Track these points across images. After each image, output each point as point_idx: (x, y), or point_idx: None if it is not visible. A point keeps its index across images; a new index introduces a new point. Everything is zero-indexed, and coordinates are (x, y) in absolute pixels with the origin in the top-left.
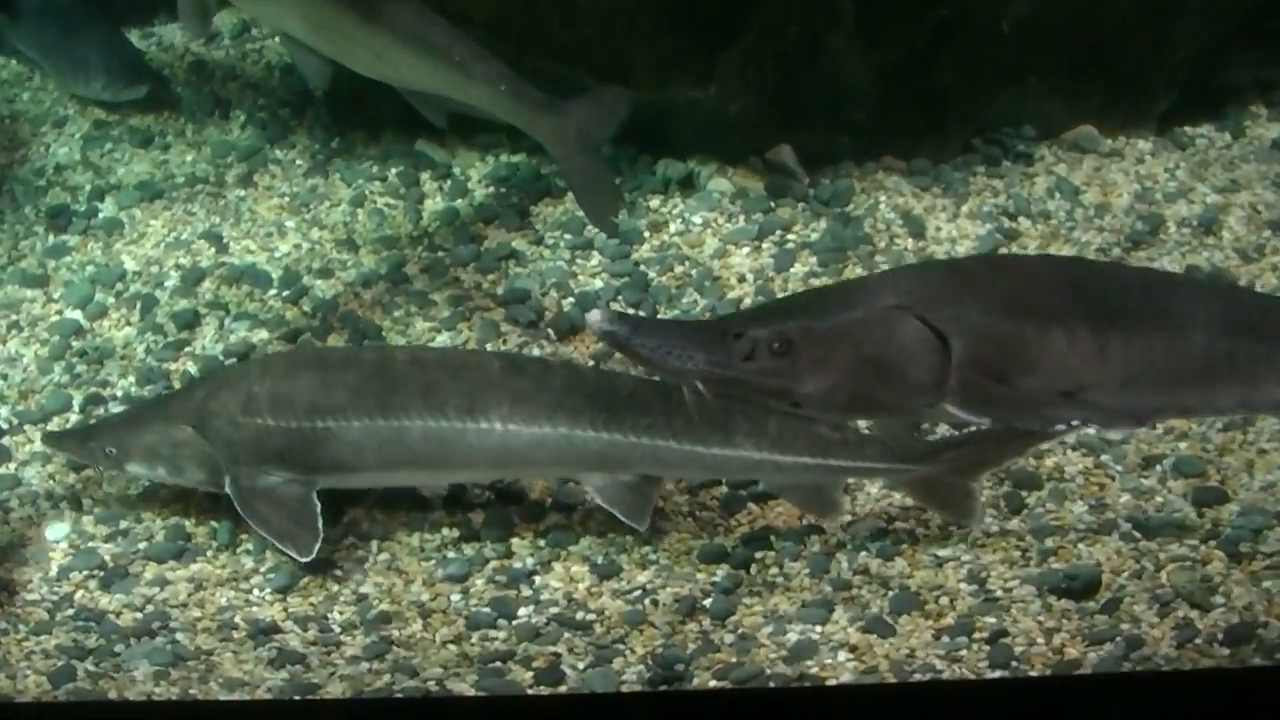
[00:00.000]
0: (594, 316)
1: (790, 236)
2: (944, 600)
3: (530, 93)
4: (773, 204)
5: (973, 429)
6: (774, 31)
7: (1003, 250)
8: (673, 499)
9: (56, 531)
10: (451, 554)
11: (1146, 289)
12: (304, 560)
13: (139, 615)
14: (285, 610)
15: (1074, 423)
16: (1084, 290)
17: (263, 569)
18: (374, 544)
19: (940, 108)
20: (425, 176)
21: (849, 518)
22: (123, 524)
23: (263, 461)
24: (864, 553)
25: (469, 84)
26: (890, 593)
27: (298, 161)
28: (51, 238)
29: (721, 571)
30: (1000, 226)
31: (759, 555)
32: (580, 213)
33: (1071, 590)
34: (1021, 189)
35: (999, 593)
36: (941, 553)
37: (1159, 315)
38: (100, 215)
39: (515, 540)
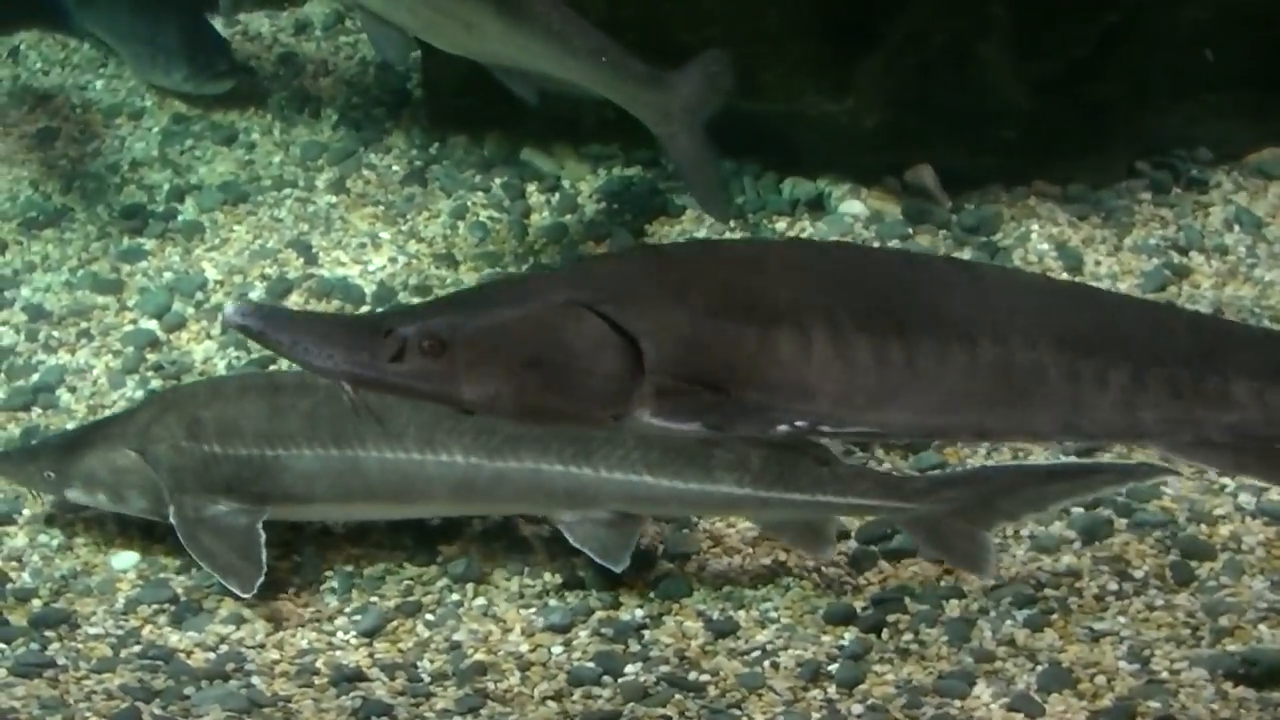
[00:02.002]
0: (229, 309)
1: None
2: (1100, 679)
3: (633, 65)
4: (911, 230)
5: (981, 466)
6: (917, 38)
7: (1171, 289)
8: (796, 551)
9: (124, 560)
10: (554, 601)
11: (920, 285)
12: (244, 596)
13: (212, 655)
14: (371, 656)
15: (799, 424)
16: (831, 284)
17: (348, 609)
18: (469, 587)
19: (1102, 126)
20: (532, 188)
21: (992, 581)
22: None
23: (209, 490)
24: (1009, 621)
25: (567, 57)
26: (1039, 667)
27: (394, 167)
28: (126, 240)
29: (849, 634)
30: (1169, 262)
31: (891, 618)
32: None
33: (1250, 676)
34: (1194, 220)
35: (1164, 674)
36: (1098, 625)
37: (931, 317)
38: (179, 218)
39: (623, 589)
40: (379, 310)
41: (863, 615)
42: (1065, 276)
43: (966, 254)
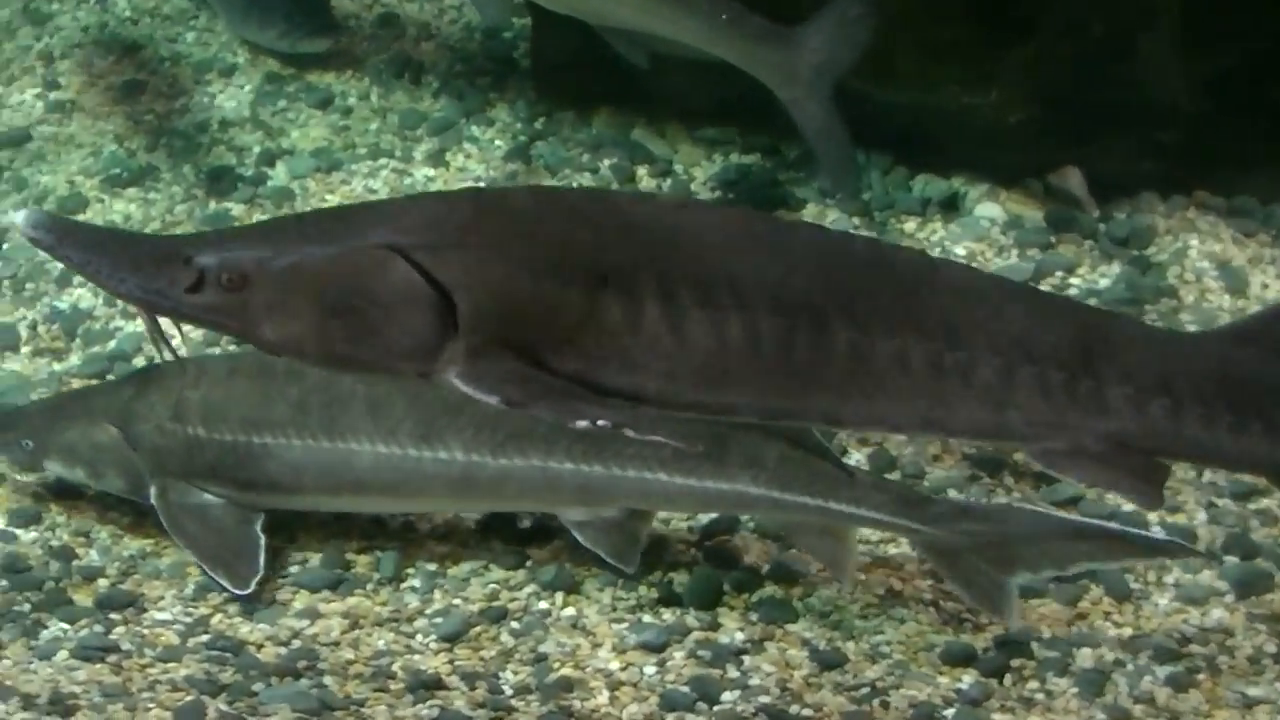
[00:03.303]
0: (19, 217)
1: (1074, 280)
2: None
3: (752, 21)
4: (1053, 238)
5: (1007, 505)
6: (1074, 28)
7: None
8: (913, 581)
9: None
10: (648, 618)
11: (773, 257)
12: (240, 594)
13: (283, 650)
14: (451, 663)
15: (601, 423)
16: (671, 248)
17: (428, 611)
18: (558, 596)
19: (1277, 132)
20: (642, 172)
21: (1130, 631)
22: (274, 541)
23: (192, 475)
24: (1148, 677)
25: (681, 15)
26: None
27: (496, 142)
28: (213, 204)
29: (968, 677)
30: None
31: (1015, 663)
32: None
33: None
34: None
35: None
36: (1251, 691)
37: (779, 293)
38: (269, 183)
39: (723, 610)
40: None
41: (984, 657)
42: (1226, 299)
43: (1115, 269)
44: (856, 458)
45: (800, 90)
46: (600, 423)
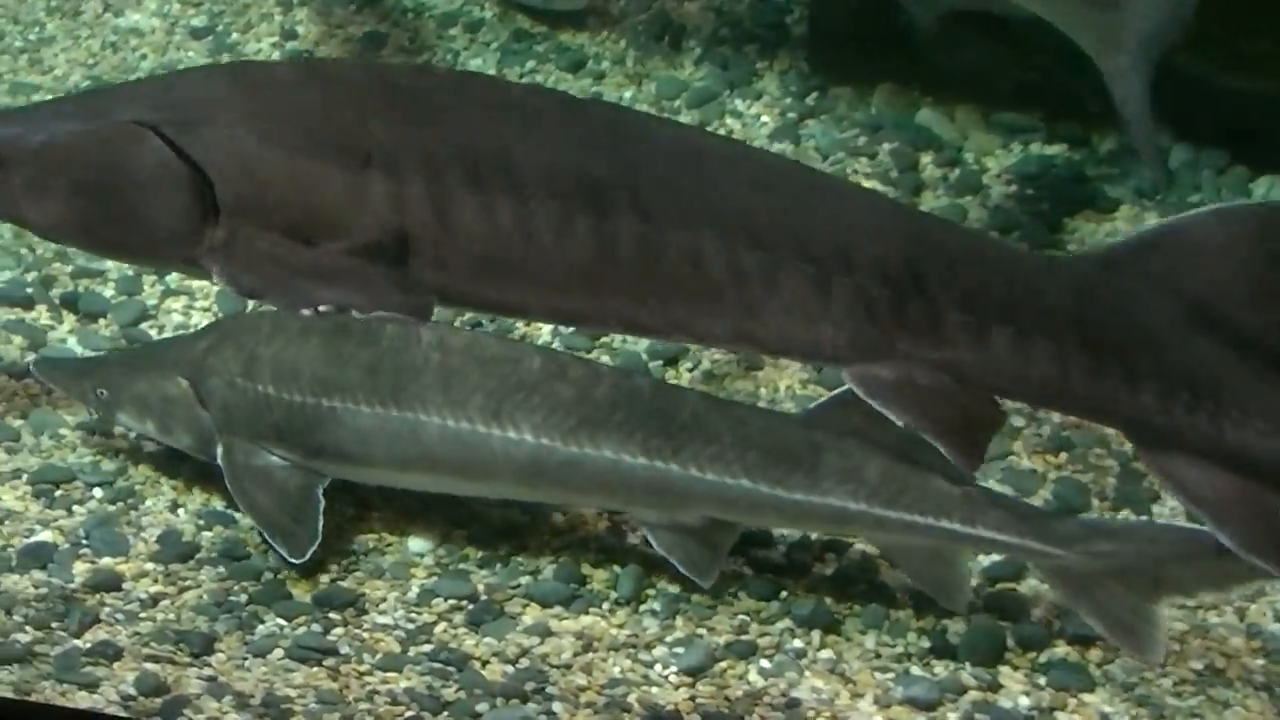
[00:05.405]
0: None
1: None
2: None
3: None
4: None
5: (1148, 521)
6: None
7: None
8: (1240, 659)
9: (421, 544)
10: (917, 669)
11: (557, 137)
12: (295, 562)
13: (510, 669)
14: (693, 699)
15: (324, 307)
16: (443, 126)
17: (669, 638)
18: (815, 635)
19: None
20: (926, 159)
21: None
22: (503, 548)
23: (259, 436)
24: None
25: None
26: None
27: (763, 118)
28: None
29: None
30: None
31: None
32: None
33: None
34: None
35: None
36: None
37: (559, 176)
38: None
39: (1005, 668)
40: None
41: None
42: None
43: None
44: None
45: (1121, 59)
46: (322, 307)
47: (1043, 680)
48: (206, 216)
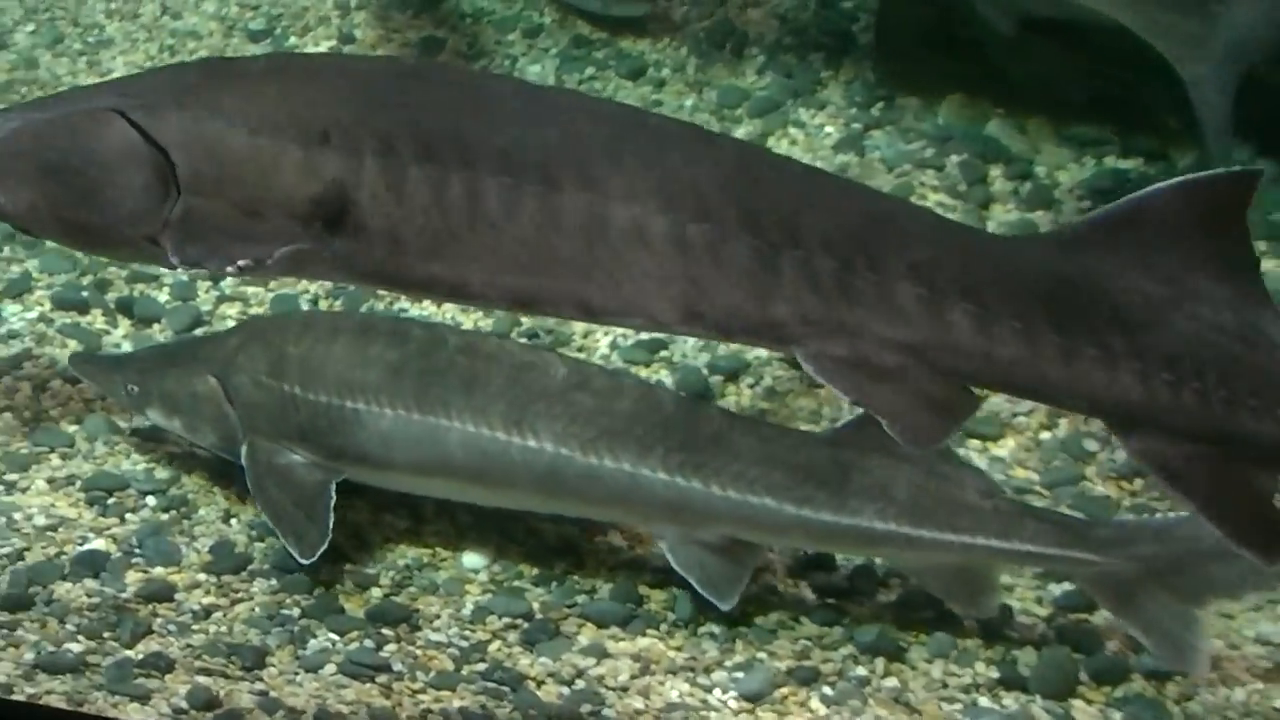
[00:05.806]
0: None
1: None
2: None
3: None
4: None
5: (1187, 517)
6: None
7: None
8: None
9: (475, 560)
10: (985, 700)
11: (514, 112)
12: (304, 562)
13: (565, 690)
14: None
15: (242, 262)
16: (395, 105)
17: (728, 663)
18: (879, 663)
19: None
20: (996, 172)
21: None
22: (559, 565)
23: (282, 435)
24: None
25: None
26: None
27: (827, 128)
28: None
29: None
30: None
31: None
32: None
33: None
34: None
35: None
36: None
37: (507, 148)
38: None
39: (1078, 702)
40: None
41: None
42: None
43: None
44: None
45: (1203, 67)
46: (241, 262)
47: (1118, 716)
48: (168, 194)
